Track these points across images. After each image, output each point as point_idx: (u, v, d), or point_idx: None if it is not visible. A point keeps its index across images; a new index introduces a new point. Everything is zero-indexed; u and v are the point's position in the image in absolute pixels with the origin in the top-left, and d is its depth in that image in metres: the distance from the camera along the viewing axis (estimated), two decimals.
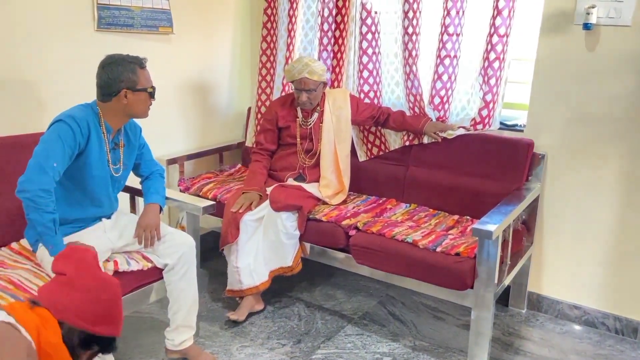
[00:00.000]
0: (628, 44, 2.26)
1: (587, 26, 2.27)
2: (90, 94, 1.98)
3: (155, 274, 2.08)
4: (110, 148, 1.99)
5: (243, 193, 2.57)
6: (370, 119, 2.78)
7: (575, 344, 2.44)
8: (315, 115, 2.72)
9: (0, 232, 2.06)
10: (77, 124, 1.83)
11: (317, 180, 2.73)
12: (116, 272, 1.94)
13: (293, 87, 2.66)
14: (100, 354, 1.15)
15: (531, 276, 2.65)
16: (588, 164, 2.44)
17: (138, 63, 1.94)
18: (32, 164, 1.76)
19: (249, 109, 3.31)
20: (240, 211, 2.49)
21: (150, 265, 2.05)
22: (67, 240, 1.87)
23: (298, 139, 2.72)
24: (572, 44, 2.38)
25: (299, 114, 2.72)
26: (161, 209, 2.14)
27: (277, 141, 2.80)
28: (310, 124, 2.71)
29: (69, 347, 1.11)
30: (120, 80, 1.89)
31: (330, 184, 2.71)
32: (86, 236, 1.95)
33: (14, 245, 2.06)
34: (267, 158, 2.79)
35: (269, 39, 3.12)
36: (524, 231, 2.52)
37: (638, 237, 2.40)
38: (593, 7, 2.24)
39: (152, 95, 1.98)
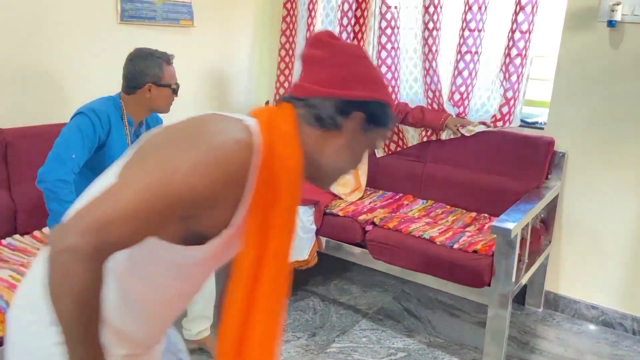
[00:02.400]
0: None
1: (611, 23, 2.24)
2: (112, 87, 2.00)
3: None
4: (132, 141, 2.01)
5: None
6: None
7: (592, 344, 2.42)
8: None
9: (23, 220, 2.10)
10: (97, 117, 1.85)
11: None
12: None
13: None
14: (374, 124, 0.98)
15: (548, 275, 2.63)
16: (609, 164, 2.41)
17: (165, 59, 1.97)
18: (51, 155, 1.79)
19: (267, 102, 3.32)
20: None
21: None
22: None
23: None
24: (595, 41, 2.35)
25: None
26: None
27: None
28: None
29: (324, 122, 0.94)
30: (146, 74, 1.92)
31: (347, 183, 2.71)
32: None
33: (36, 233, 2.10)
34: None
35: (288, 32, 3.12)
36: (543, 230, 2.50)
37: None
38: (618, 4, 2.21)
39: (175, 91, 2.00)
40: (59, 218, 1.80)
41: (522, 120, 2.64)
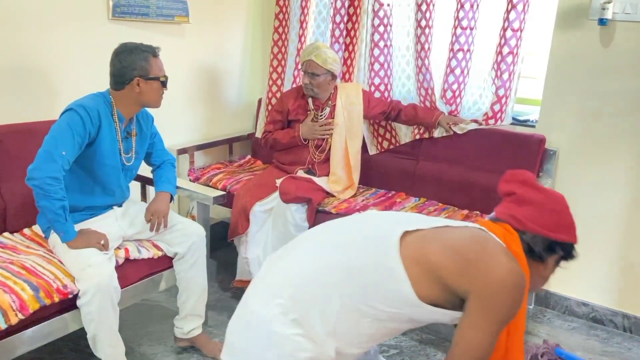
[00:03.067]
0: None
1: (602, 22, 2.25)
2: (103, 83, 1.99)
3: (165, 262, 2.10)
4: (122, 137, 2.00)
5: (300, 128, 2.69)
6: (381, 114, 2.77)
7: (583, 340, 2.43)
8: (327, 109, 2.70)
9: (13, 218, 2.08)
10: (87, 113, 1.84)
11: (327, 175, 2.72)
12: (127, 260, 1.96)
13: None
14: (564, 260, 1.29)
15: None
16: (600, 161, 2.43)
17: (151, 52, 1.95)
18: (41, 153, 1.77)
19: (260, 100, 3.31)
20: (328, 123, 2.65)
21: (160, 253, 2.06)
22: (79, 227, 1.89)
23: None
24: (586, 39, 2.36)
25: (311, 106, 2.71)
26: (171, 198, 2.15)
27: None
28: (322, 117, 2.70)
29: (534, 254, 1.26)
30: (133, 68, 1.90)
31: (339, 180, 2.70)
32: (98, 224, 1.96)
33: (26, 231, 2.08)
34: None
35: (280, 30, 3.11)
36: None
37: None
38: (609, 3, 2.22)
39: (164, 84, 1.99)
40: (48, 215, 1.79)
41: (513, 118, 2.65)
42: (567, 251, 1.28)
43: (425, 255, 1.17)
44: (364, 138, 2.86)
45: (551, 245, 1.26)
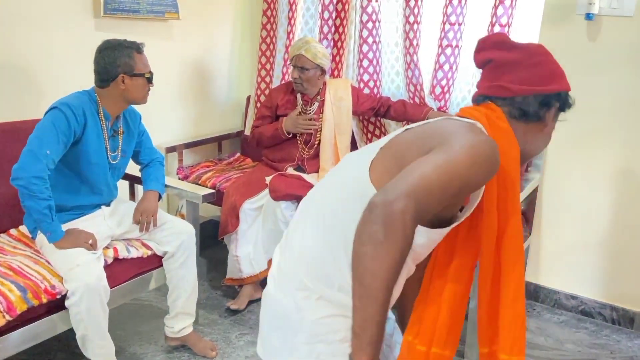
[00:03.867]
0: (630, 34, 2.25)
1: (589, 16, 2.27)
2: (90, 81, 1.96)
3: (155, 261, 2.08)
4: (109, 135, 1.98)
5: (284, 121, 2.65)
6: (370, 110, 2.76)
7: (572, 333, 2.45)
8: (316, 105, 2.70)
9: None
10: (72, 112, 1.82)
11: (317, 172, 2.72)
12: (116, 259, 1.94)
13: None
14: (562, 111, 1.22)
15: (529, 266, 2.66)
16: (588, 155, 2.45)
17: (135, 48, 1.93)
18: (25, 152, 1.75)
19: (249, 97, 3.29)
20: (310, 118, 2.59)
21: (149, 252, 2.05)
22: (66, 227, 1.87)
23: None
24: (573, 34, 2.37)
25: (299, 102, 2.70)
26: (160, 197, 2.14)
27: None
28: (310, 113, 2.70)
29: (530, 115, 1.16)
30: (117, 65, 1.88)
31: None
32: (85, 223, 1.94)
33: (12, 231, 2.05)
34: None
35: (268, 27, 3.10)
36: (523, 221, 2.53)
37: (635, 229, 2.41)
38: None
39: (149, 80, 1.97)
40: (34, 215, 1.76)
41: None
42: (562, 101, 1.19)
43: (389, 164, 1.07)
44: (353, 134, 2.86)
45: (544, 100, 1.17)
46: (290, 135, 2.65)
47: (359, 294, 0.91)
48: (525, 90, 1.15)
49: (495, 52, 1.20)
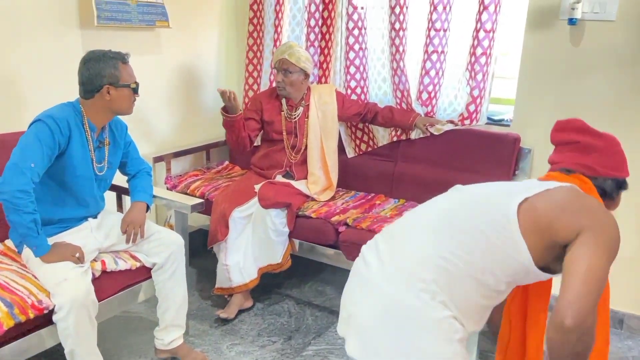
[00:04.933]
0: (612, 38, 2.28)
1: (572, 21, 2.29)
2: (74, 92, 1.94)
3: (144, 273, 2.06)
4: (94, 147, 1.96)
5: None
6: (357, 116, 2.77)
7: None
8: (301, 109, 2.70)
9: None
10: (56, 124, 1.79)
11: (305, 178, 2.72)
12: (104, 272, 1.92)
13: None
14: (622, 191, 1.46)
15: None
16: None
17: (120, 58, 1.91)
18: (9, 166, 1.72)
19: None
20: (228, 94, 2.47)
21: (138, 264, 2.03)
22: (52, 240, 1.85)
23: (284, 133, 2.71)
24: (557, 39, 2.40)
25: (284, 107, 2.70)
26: (148, 208, 2.12)
27: (258, 132, 2.76)
28: (296, 117, 2.70)
29: (607, 195, 1.42)
30: (102, 76, 1.86)
31: (318, 181, 2.70)
32: (72, 236, 1.92)
33: None
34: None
35: (255, 34, 3.10)
36: None
37: (622, 230, 2.43)
38: (578, 2, 2.26)
39: (135, 91, 1.95)
40: (20, 230, 1.74)
41: (488, 118, 2.68)
42: (625, 185, 1.45)
43: (537, 222, 1.25)
44: (341, 139, 2.87)
45: (619, 183, 1.43)
46: (229, 115, 2.56)
47: None
48: (607, 173, 1.41)
49: (581, 136, 1.45)
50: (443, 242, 1.29)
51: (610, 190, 1.42)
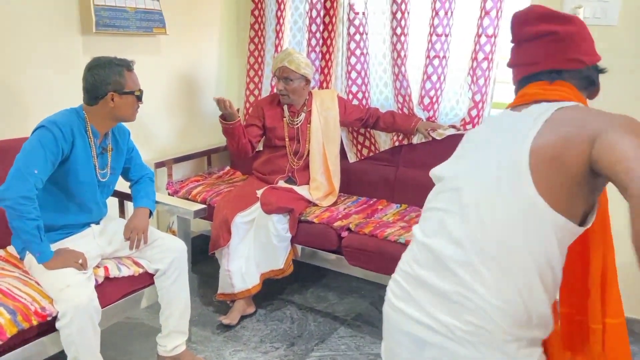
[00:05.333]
0: (614, 43, 2.29)
1: None
2: (78, 99, 1.94)
3: (147, 279, 2.05)
4: (97, 153, 1.96)
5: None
6: (358, 121, 2.77)
7: None
8: (303, 115, 2.70)
9: None
10: (59, 130, 1.79)
11: (307, 183, 2.72)
12: (107, 279, 1.91)
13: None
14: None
15: None
16: None
17: (125, 65, 1.91)
18: (12, 172, 1.72)
19: (237, 110, 3.27)
20: (224, 103, 2.50)
21: (141, 270, 2.02)
22: (55, 247, 1.84)
23: (286, 139, 2.70)
24: None
25: (286, 113, 2.70)
26: (151, 213, 2.11)
27: (261, 138, 2.76)
28: (298, 124, 2.70)
29: (594, 84, 1.24)
30: (107, 83, 1.86)
31: (320, 186, 2.70)
32: (75, 242, 1.91)
33: (0, 252, 2.01)
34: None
35: (256, 40, 3.10)
36: None
37: (619, 237, 2.42)
38: (579, 7, 2.27)
39: (139, 98, 1.95)
40: (23, 236, 1.73)
41: None
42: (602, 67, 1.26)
43: (550, 176, 1.04)
44: (342, 144, 2.87)
45: (597, 68, 1.23)
46: (227, 122, 2.59)
47: None
48: (592, 60, 1.20)
49: (553, 26, 1.18)
50: (495, 279, 1.06)
51: (595, 77, 1.23)
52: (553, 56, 1.19)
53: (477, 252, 1.08)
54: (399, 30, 2.64)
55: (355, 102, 2.86)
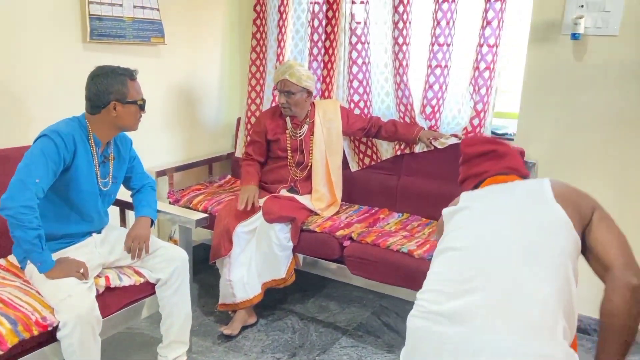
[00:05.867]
0: (615, 53, 2.30)
1: (575, 36, 2.31)
2: (79, 107, 1.94)
3: (148, 289, 2.04)
4: (99, 162, 1.95)
5: (242, 187, 2.59)
6: (361, 130, 2.77)
7: None
8: (306, 127, 2.70)
9: None
10: (61, 139, 1.79)
11: (310, 193, 2.71)
12: (108, 288, 1.90)
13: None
14: None
15: None
16: (578, 172, 2.47)
17: (128, 75, 1.91)
18: (14, 181, 1.71)
19: (239, 119, 3.28)
20: (248, 208, 2.47)
21: (142, 280, 2.01)
22: (56, 256, 1.83)
23: (289, 152, 2.70)
24: (560, 53, 2.41)
25: (289, 125, 2.70)
26: (152, 223, 2.10)
27: (266, 153, 2.77)
28: (301, 135, 2.69)
29: None
30: (110, 92, 1.86)
31: (322, 197, 2.69)
32: (76, 252, 1.90)
33: (1, 262, 2.00)
34: (258, 165, 2.76)
35: (258, 49, 3.11)
36: None
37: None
38: (581, 18, 2.28)
39: (142, 107, 1.95)
40: (24, 246, 1.72)
41: (492, 132, 2.69)
42: None
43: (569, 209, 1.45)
44: (344, 154, 2.87)
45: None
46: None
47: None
48: (525, 172, 1.74)
49: (493, 145, 1.71)
50: (546, 278, 1.31)
51: None
52: (496, 165, 1.68)
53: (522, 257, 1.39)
54: (400, 40, 2.65)
55: (357, 111, 2.86)
